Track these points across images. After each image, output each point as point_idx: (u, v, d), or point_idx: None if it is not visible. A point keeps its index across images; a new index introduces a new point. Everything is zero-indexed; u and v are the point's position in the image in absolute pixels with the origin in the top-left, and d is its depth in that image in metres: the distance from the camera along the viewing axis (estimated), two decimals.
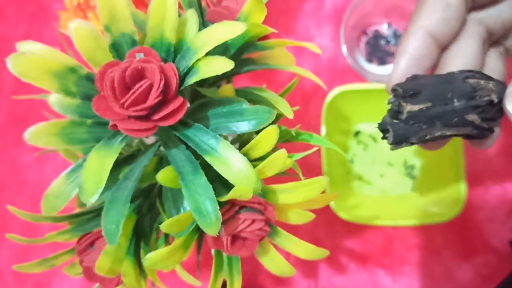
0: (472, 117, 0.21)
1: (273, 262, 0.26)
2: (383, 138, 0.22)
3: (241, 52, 0.27)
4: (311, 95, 0.47)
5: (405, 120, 0.21)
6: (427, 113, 0.21)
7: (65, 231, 0.28)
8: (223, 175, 0.21)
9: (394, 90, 0.22)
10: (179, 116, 0.21)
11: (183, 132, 0.22)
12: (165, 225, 0.22)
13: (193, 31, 0.23)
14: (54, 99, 0.25)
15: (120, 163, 0.25)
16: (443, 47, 0.23)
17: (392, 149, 0.22)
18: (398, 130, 0.21)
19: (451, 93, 0.21)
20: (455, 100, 0.20)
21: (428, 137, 0.21)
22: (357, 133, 0.46)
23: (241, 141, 0.31)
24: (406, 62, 0.22)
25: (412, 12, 0.23)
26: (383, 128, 0.22)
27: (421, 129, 0.21)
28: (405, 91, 0.21)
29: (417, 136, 0.21)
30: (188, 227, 0.24)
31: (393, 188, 0.44)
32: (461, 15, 0.22)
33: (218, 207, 0.21)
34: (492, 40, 0.24)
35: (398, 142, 0.21)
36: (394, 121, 0.21)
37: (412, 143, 0.21)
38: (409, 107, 0.21)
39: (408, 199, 0.44)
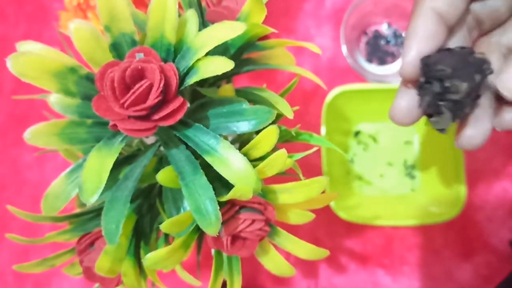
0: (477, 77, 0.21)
1: (273, 262, 0.26)
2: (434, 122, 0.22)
3: (241, 52, 0.27)
4: (311, 95, 0.47)
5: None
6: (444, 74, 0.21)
7: (65, 231, 0.28)
8: (223, 175, 0.21)
9: (426, 64, 0.21)
10: (179, 116, 0.21)
11: (183, 132, 0.22)
12: (165, 225, 0.22)
13: (193, 31, 0.23)
14: (54, 99, 0.25)
15: (120, 163, 0.25)
16: (451, 28, 0.23)
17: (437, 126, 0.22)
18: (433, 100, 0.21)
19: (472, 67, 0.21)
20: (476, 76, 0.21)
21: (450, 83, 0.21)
22: (357, 133, 0.46)
23: (241, 141, 0.31)
24: (417, 43, 0.22)
25: None
26: (438, 111, 0.21)
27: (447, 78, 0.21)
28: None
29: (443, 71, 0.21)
30: (188, 227, 0.24)
31: (393, 188, 0.44)
32: None
33: (218, 207, 0.21)
34: (483, 30, 0.24)
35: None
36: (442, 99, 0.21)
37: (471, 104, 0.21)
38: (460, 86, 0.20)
39: (408, 199, 0.44)
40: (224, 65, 0.21)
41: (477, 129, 0.23)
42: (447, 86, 0.21)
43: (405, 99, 0.23)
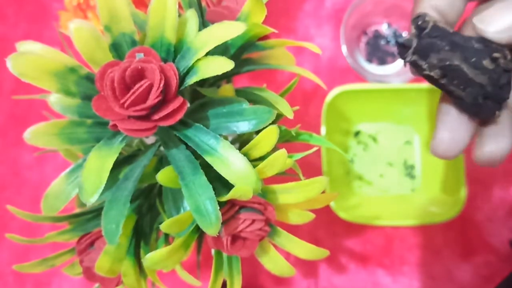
0: (488, 64, 0.20)
1: (273, 262, 0.26)
2: (403, 56, 0.21)
3: (241, 52, 0.27)
4: (311, 95, 0.47)
5: (429, 33, 0.21)
6: (449, 35, 0.21)
7: (65, 231, 0.28)
8: (223, 175, 0.21)
9: (417, 16, 0.21)
10: (179, 116, 0.21)
11: (183, 132, 0.22)
12: (165, 225, 0.22)
13: (193, 31, 0.23)
14: (54, 99, 0.25)
15: (120, 163, 0.25)
16: (452, 26, 0.23)
17: (410, 60, 0.21)
18: (423, 39, 0.21)
19: (469, 37, 0.21)
20: (474, 41, 0.21)
21: (448, 63, 0.21)
22: (357, 133, 0.46)
23: (241, 141, 0.31)
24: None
25: None
26: (405, 43, 0.21)
27: (443, 49, 0.21)
28: (426, 15, 0.21)
29: (439, 54, 0.21)
30: (188, 227, 0.24)
31: (393, 188, 0.44)
32: None
33: (218, 207, 0.21)
34: None
35: (419, 52, 0.21)
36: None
37: (431, 66, 0.21)
38: (435, 20, 0.21)
39: (408, 199, 0.44)
40: (224, 65, 0.21)
41: (497, 144, 0.23)
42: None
43: (448, 129, 0.22)
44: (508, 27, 0.20)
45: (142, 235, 0.28)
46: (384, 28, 0.47)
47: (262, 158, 0.23)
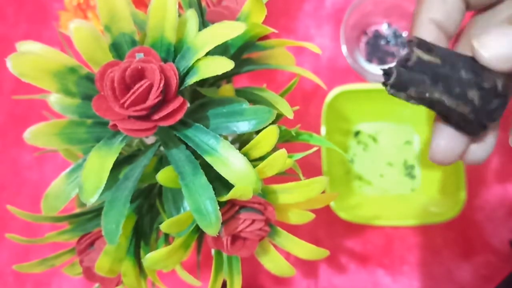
0: (473, 94, 0.20)
1: (273, 262, 0.26)
2: (384, 83, 0.22)
3: (241, 52, 0.27)
4: (311, 95, 0.47)
5: (411, 67, 0.21)
6: (434, 68, 0.21)
7: (65, 231, 0.28)
8: (223, 175, 0.21)
9: (409, 41, 0.21)
10: (179, 116, 0.21)
11: (183, 132, 0.22)
12: (165, 225, 0.22)
13: (193, 31, 0.23)
14: (54, 99, 0.25)
15: (120, 163, 0.25)
16: (450, 38, 0.23)
17: (389, 92, 0.21)
18: (402, 75, 0.21)
19: (461, 62, 0.21)
20: (463, 71, 0.21)
21: (427, 95, 0.21)
22: (357, 133, 0.46)
23: (241, 141, 0.31)
24: None
25: (415, 8, 0.24)
26: (387, 72, 0.21)
27: (423, 83, 0.21)
28: (419, 43, 0.21)
29: (418, 88, 0.21)
30: (188, 227, 0.24)
31: (393, 188, 0.44)
32: (461, 8, 0.23)
33: (218, 207, 0.21)
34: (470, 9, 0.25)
35: (397, 86, 0.21)
36: (401, 68, 0.21)
37: (410, 97, 0.21)
38: (419, 54, 0.21)
39: (408, 199, 0.44)
40: (224, 65, 0.21)
41: (481, 144, 0.23)
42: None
43: (444, 138, 0.23)
44: (510, 56, 0.19)
45: (142, 235, 0.28)
46: (384, 28, 0.47)
47: (262, 158, 0.23)
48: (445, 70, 0.21)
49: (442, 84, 0.21)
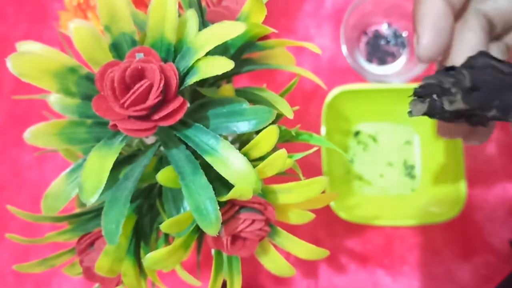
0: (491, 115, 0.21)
1: (273, 262, 0.26)
2: (414, 101, 0.22)
3: (241, 52, 0.27)
4: (311, 95, 0.47)
5: (448, 112, 0.21)
6: (465, 112, 0.21)
7: (65, 231, 0.28)
8: (223, 175, 0.21)
9: (460, 68, 0.21)
10: (179, 116, 0.21)
11: (183, 132, 0.22)
12: (165, 225, 0.22)
13: (193, 31, 0.23)
14: (54, 99, 0.25)
15: (120, 163, 0.25)
16: (457, 14, 0.24)
17: (410, 115, 0.22)
18: (434, 109, 0.21)
19: (498, 101, 0.20)
20: (495, 110, 0.20)
21: (447, 119, 0.22)
22: (357, 133, 0.46)
23: (241, 141, 0.31)
24: (431, 23, 0.23)
25: None
26: (423, 93, 0.21)
27: (447, 115, 0.21)
28: (469, 79, 0.20)
29: (441, 116, 0.21)
30: (188, 227, 0.24)
31: (393, 188, 0.44)
32: None
33: (218, 207, 0.21)
34: (494, 33, 0.24)
35: (423, 114, 0.22)
36: (436, 98, 0.21)
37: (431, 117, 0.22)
38: (461, 106, 0.20)
39: (408, 199, 0.44)
40: (224, 65, 0.21)
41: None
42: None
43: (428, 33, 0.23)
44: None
45: (142, 235, 0.28)
46: (384, 28, 0.47)
47: (262, 158, 0.23)
48: (476, 113, 0.21)
49: (465, 118, 0.21)
